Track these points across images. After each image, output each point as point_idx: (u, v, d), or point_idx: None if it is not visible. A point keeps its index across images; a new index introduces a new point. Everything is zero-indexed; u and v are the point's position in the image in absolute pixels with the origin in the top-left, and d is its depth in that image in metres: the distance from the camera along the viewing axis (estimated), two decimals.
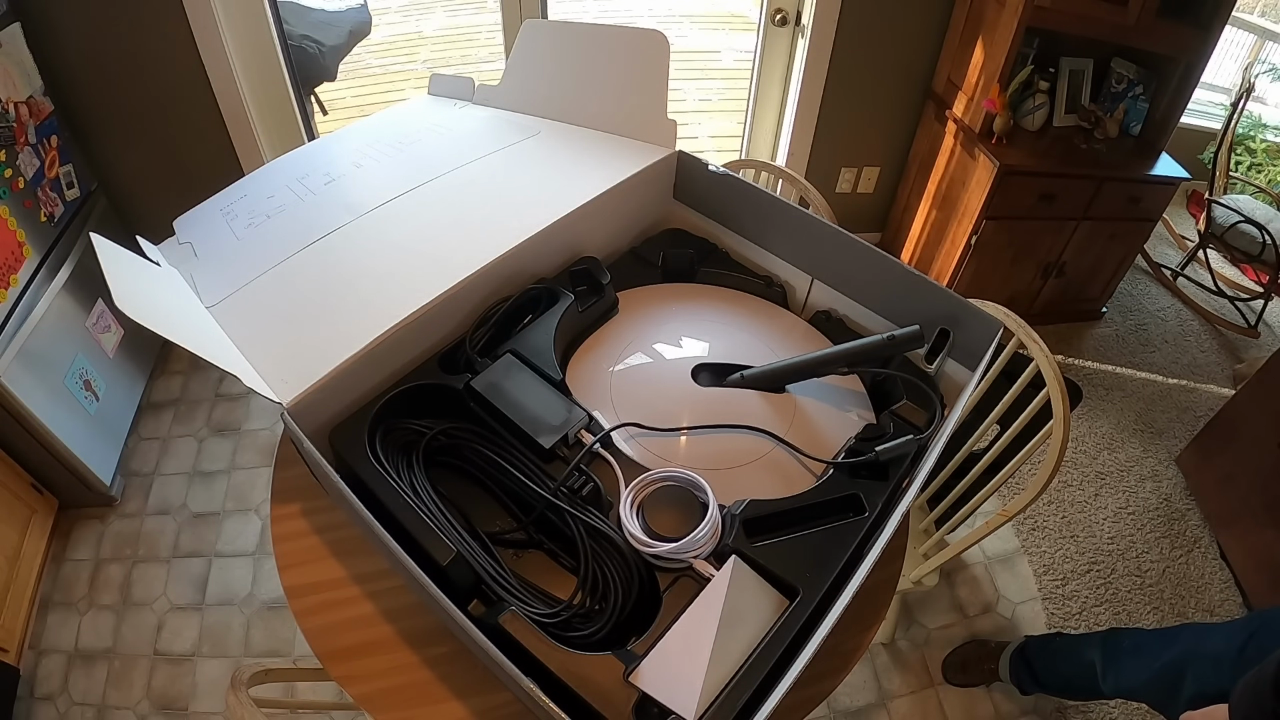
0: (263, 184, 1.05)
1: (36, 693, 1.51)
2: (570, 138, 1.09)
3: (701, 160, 1.03)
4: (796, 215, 0.97)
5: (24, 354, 1.53)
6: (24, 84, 1.64)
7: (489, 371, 0.81)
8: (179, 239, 0.97)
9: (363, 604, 0.78)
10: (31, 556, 1.64)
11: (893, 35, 2.09)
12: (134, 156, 1.99)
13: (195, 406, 2.07)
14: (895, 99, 2.26)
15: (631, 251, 1.06)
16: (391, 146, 1.10)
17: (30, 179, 1.62)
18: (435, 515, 0.70)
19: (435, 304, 0.82)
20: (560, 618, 0.66)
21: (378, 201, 0.97)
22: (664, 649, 0.61)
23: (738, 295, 1.01)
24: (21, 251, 1.57)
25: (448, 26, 3.87)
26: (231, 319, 0.82)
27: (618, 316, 0.95)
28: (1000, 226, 2.08)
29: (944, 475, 1.29)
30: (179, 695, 1.50)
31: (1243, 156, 3.00)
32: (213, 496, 1.86)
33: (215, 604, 1.65)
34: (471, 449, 0.78)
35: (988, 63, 1.94)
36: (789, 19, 2.08)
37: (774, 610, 0.65)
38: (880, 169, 2.44)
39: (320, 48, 2.72)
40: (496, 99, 1.20)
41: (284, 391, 0.73)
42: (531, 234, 0.90)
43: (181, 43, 1.79)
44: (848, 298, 0.97)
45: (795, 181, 1.52)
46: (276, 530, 0.85)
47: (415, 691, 0.72)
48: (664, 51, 0.99)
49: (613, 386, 0.84)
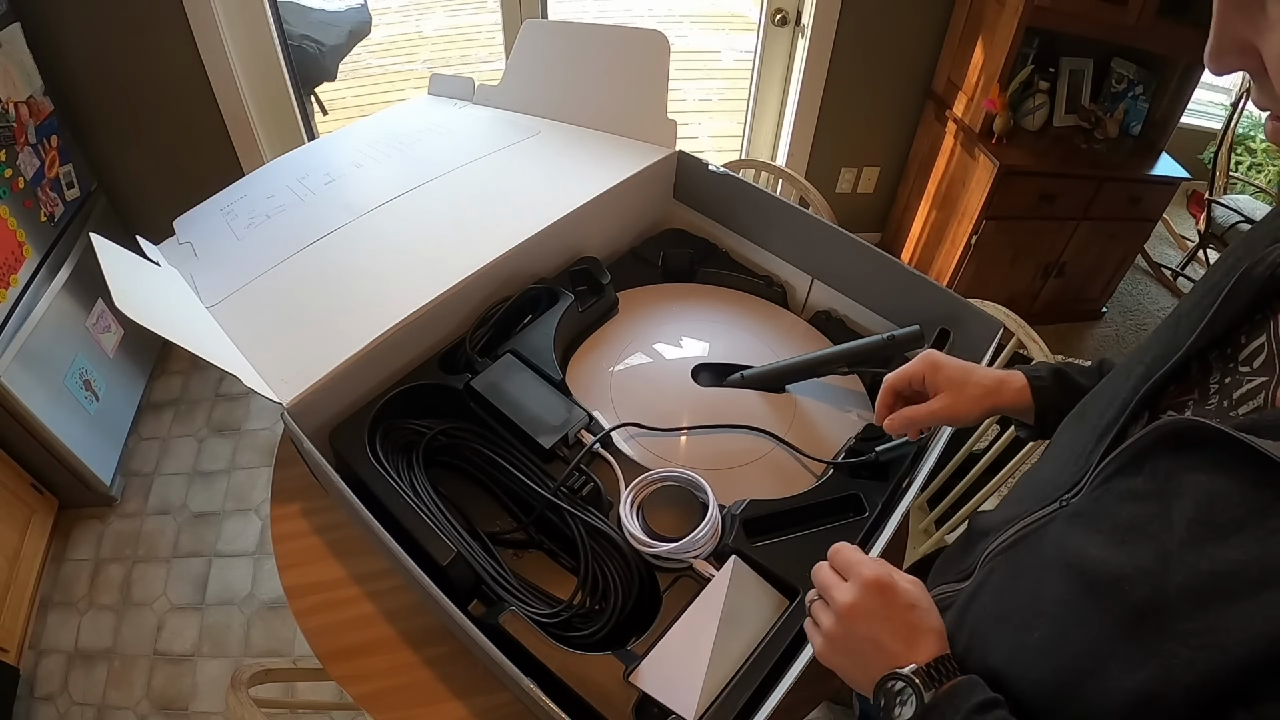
0: (263, 184, 1.05)
1: (36, 693, 1.51)
2: (570, 138, 1.09)
3: (701, 160, 1.03)
4: (796, 215, 0.97)
5: (24, 354, 1.53)
6: (24, 84, 1.64)
7: (489, 371, 0.81)
8: (179, 239, 0.97)
9: (363, 604, 0.78)
10: (31, 556, 1.64)
11: (893, 35, 2.09)
12: (134, 156, 1.99)
13: (195, 406, 2.07)
14: (895, 99, 2.26)
15: (631, 251, 1.06)
16: (391, 146, 1.10)
17: (30, 179, 1.62)
18: (435, 515, 0.70)
19: (435, 304, 0.82)
20: (560, 618, 0.66)
21: (377, 201, 0.97)
22: (664, 649, 0.61)
23: (738, 295, 1.01)
24: (21, 251, 1.57)
25: (448, 26, 3.87)
26: (231, 319, 0.82)
27: (618, 316, 0.95)
28: (1000, 226, 2.08)
29: (944, 475, 1.29)
30: (179, 695, 1.50)
31: (1243, 156, 2.99)
32: (213, 496, 1.85)
33: (215, 604, 1.65)
34: (471, 449, 0.78)
35: (988, 63, 1.94)
36: (789, 19, 2.08)
37: (774, 610, 0.65)
38: (880, 169, 2.43)
39: (320, 48, 2.72)
40: (496, 99, 1.20)
41: (284, 391, 0.73)
42: (531, 234, 0.90)
43: (181, 43, 1.79)
44: (848, 298, 0.97)
45: (795, 181, 1.52)
46: (276, 530, 0.85)
47: (415, 691, 0.72)
48: (664, 51, 0.99)
49: (613, 386, 0.84)
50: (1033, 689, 0.43)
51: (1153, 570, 0.36)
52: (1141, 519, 0.38)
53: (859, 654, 0.49)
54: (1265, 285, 0.41)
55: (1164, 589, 0.35)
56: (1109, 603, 0.38)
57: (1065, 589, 0.41)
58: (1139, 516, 0.38)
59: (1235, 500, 0.34)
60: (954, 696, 0.44)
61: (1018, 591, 0.47)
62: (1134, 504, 0.39)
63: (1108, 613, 0.38)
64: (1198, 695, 0.33)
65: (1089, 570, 0.40)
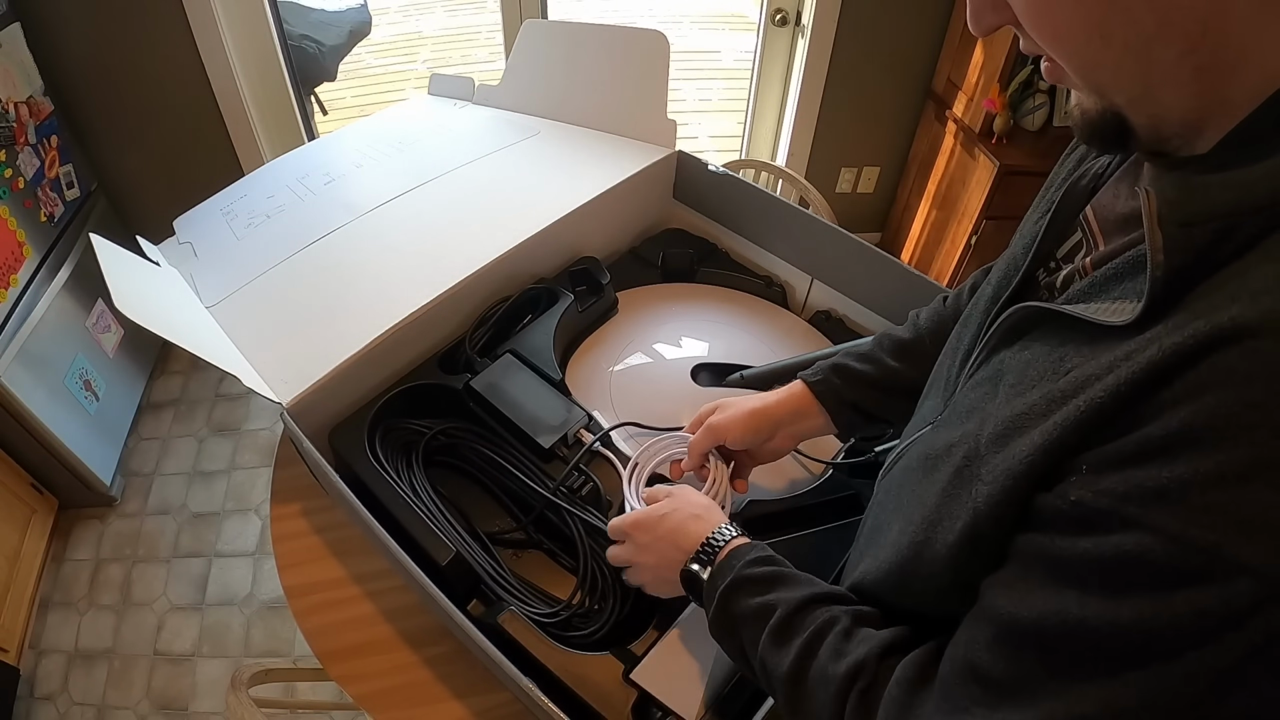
0: (263, 184, 1.05)
1: (36, 693, 1.51)
2: (570, 138, 1.09)
3: (701, 160, 1.03)
4: (796, 215, 0.97)
5: (24, 354, 1.53)
6: (24, 84, 1.64)
7: (488, 371, 0.81)
8: (179, 239, 0.97)
9: (363, 604, 0.78)
10: (31, 556, 1.64)
11: (893, 35, 2.09)
12: (134, 156, 1.99)
13: (195, 406, 2.07)
14: (895, 99, 2.26)
15: (631, 251, 1.06)
16: (391, 146, 1.10)
17: (30, 179, 1.62)
18: (434, 515, 0.70)
19: (435, 304, 0.82)
20: (560, 617, 0.66)
21: (378, 201, 0.97)
22: (664, 649, 0.61)
23: (738, 295, 1.01)
24: (21, 251, 1.57)
25: (448, 26, 3.87)
26: (231, 319, 0.83)
27: (617, 316, 0.95)
28: (1000, 226, 2.08)
29: None
30: (179, 695, 1.50)
31: None
32: (213, 496, 1.85)
33: (215, 604, 1.65)
34: (471, 449, 0.78)
35: (988, 63, 1.94)
36: (789, 19, 2.08)
37: None
38: (880, 169, 2.43)
39: (320, 48, 2.72)
40: (496, 99, 1.20)
41: (284, 391, 0.73)
42: (531, 234, 0.90)
43: (181, 43, 1.79)
44: (848, 298, 0.97)
45: (795, 181, 1.52)
46: (276, 530, 0.85)
47: (415, 691, 0.72)
48: (664, 51, 0.99)
49: (612, 386, 0.84)
50: (885, 580, 0.46)
51: (975, 433, 0.39)
52: (977, 400, 0.41)
53: (658, 575, 0.59)
54: (1087, 196, 0.44)
55: (979, 444, 0.38)
56: (939, 473, 0.41)
57: (914, 481, 0.45)
58: (976, 399, 0.42)
59: (1041, 360, 0.37)
60: (733, 558, 0.52)
61: (884, 504, 0.51)
62: (973, 391, 0.43)
63: (938, 481, 0.41)
64: (998, 522, 0.35)
65: (931, 453, 0.43)
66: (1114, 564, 0.29)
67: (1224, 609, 0.26)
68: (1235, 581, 0.26)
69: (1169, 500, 0.27)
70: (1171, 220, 0.31)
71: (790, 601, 0.47)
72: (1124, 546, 0.29)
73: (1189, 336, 0.28)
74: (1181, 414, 0.28)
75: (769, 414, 0.67)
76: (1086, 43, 0.33)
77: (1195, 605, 0.27)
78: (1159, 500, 0.28)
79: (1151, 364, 0.29)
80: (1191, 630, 0.27)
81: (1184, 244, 0.30)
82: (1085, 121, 0.36)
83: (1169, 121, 0.33)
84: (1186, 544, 0.27)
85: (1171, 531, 0.27)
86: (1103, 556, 0.29)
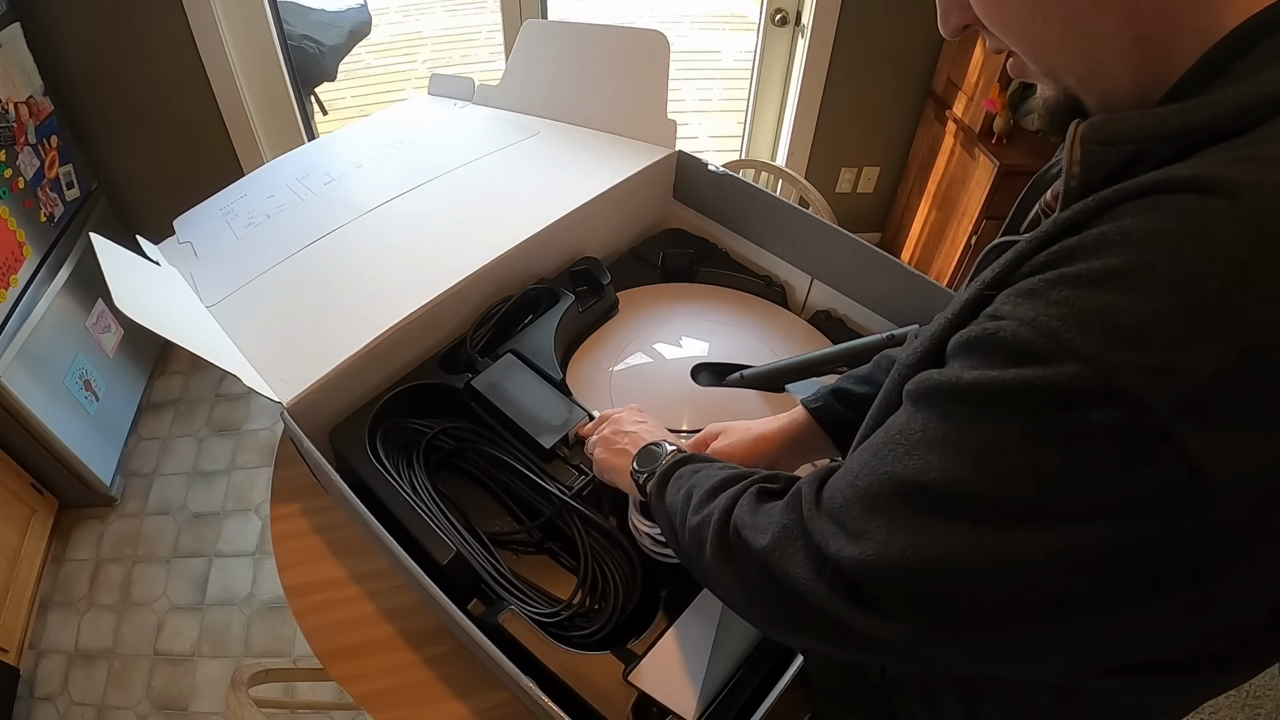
0: (263, 184, 1.05)
1: (36, 693, 1.51)
2: (570, 138, 1.09)
3: (701, 160, 1.03)
4: (796, 215, 0.97)
5: (24, 354, 1.53)
6: (24, 84, 1.64)
7: (489, 371, 0.81)
8: (179, 239, 0.97)
9: (363, 604, 0.78)
10: (31, 556, 1.64)
11: (893, 35, 2.09)
12: (134, 156, 1.99)
13: (195, 406, 2.07)
14: (895, 99, 2.26)
15: (631, 251, 1.06)
16: (391, 146, 1.10)
17: (30, 179, 1.62)
18: (435, 514, 0.70)
19: (435, 304, 0.82)
20: (560, 617, 0.66)
21: (378, 201, 0.97)
22: (664, 649, 0.61)
23: (738, 295, 1.01)
24: (21, 251, 1.57)
25: (448, 26, 3.87)
26: (231, 319, 0.83)
27: (618, 316, 0.95)
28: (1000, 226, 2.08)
29: None
30: (179, 695, 1.50)
31: None
32: (213, 496, 1.85)
33: (215, 604, 1.65)
34: (472, 448, 0.78)
35: (988, 62, 1.94)
36: (789, 19, 2.08)
37: None
38: (880, 169, 2.43)
39: (320, 48, 2.72)
40: (496, 99, 1.20)
41: (284, 391, 0.73)
42: (531, 234, 0.90)
43: (181, 43, 1.79)
44: (848, 298, 0.97)
45: (795, 181, 1.52)
46: (276, 530, 0.85)
47: (415, 691, 0.72)
48: (664, 51, 0.99)
49: (613, 386, 0.84)
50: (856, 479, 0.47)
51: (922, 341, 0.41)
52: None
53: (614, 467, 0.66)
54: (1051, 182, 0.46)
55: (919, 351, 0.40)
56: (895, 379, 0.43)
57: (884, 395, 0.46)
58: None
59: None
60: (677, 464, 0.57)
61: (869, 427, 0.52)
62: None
63: (891, 381, 0.43)
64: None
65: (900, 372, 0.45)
66: (975, 342, 0.32)
67: (1049, 388, 0.28)
68: (1064, 365, 0.28)
69: (1034, 296, 0.30)
70: (1091, 139, 0.33)
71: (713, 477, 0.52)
72: (985, 328, 0.32)
73: (1113, 192, 0.30)
74: (1083, 235, 0.30)
75: (772, 440, 0.67)
76: (1030, 23, 0.35)
77: (1024, 379, 0.29)
78: (1029, 296, 0.31)
79: (1068, 220, 0.32)
80: (1016, 399, 0.30)
81: (1100, 159, 0.33)
82: (1045, 110, 0.39)
83: (1118, 98, 0.35)
84: (1035, 327, 0.29)
85: (1025, 317, 0.30)
86: (969, 336, 0.33)
